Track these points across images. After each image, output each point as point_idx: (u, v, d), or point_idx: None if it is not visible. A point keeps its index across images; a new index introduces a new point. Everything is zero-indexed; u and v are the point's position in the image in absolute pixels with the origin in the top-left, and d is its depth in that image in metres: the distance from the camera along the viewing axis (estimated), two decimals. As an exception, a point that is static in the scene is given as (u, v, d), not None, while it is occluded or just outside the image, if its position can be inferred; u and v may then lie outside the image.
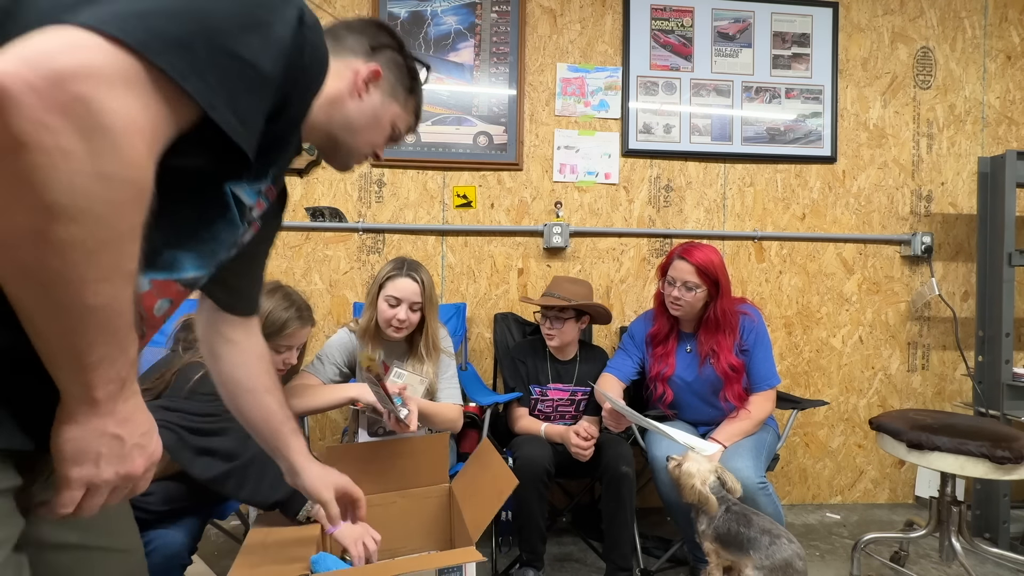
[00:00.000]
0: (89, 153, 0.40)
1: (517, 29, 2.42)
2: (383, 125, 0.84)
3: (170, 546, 1.26)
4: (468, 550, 1.04)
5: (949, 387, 2.64)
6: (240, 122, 0.49)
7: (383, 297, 1.74)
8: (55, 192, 0.39)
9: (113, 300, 0.46)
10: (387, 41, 0.83)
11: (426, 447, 1.46)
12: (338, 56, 0.76)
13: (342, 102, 0.77)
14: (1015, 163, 2.21)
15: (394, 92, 0.84)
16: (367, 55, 0.80)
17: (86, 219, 0.41)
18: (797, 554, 1.40)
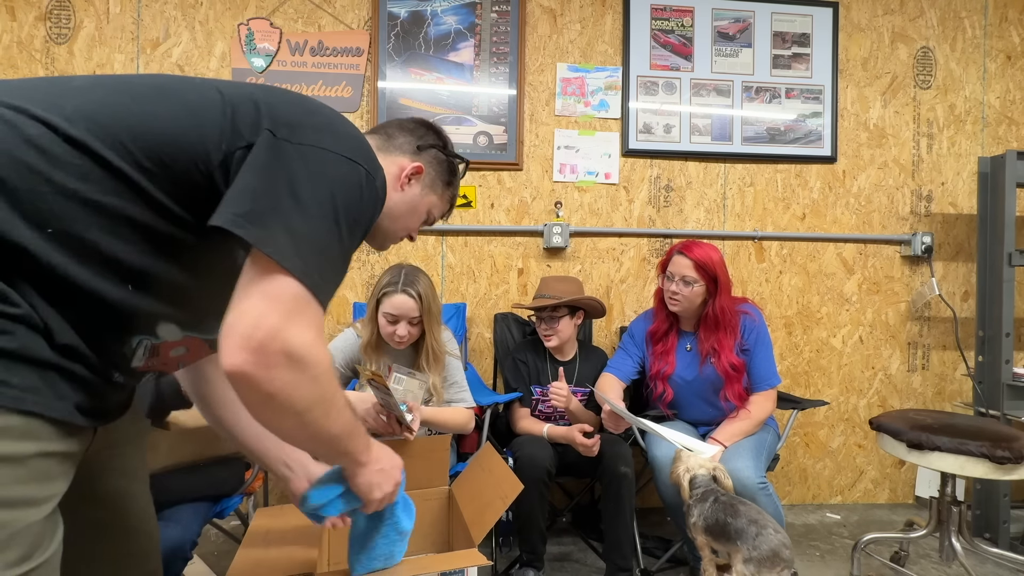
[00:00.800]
0: (301, 374, 0.64)
1: (517, 29, 2.42)
2: (419, 213, 0.96)
3: (170, 539, 1.26)
4: (471, 552, 1.04)
5: (949, 387, 2.64)
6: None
7: (381, 313, 1.72)
8: (297, 402, 0.65)
9: (345, 422, 0.75)
10: (432, 141, 0.96)
11: (427, 449, 1.46)
12: (387, 154, 0.91)
13: (387, 194, 0.85)
14: (1015, 163, 2.21)
15: (433, 185, 0.96)
16: (413, 153, 0.93)
17: (317, 403, 0.67)
18: (783, 543, 1.40)
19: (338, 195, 0.67)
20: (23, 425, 0.57)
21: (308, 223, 0.64)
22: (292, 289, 0.62)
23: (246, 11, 2.34)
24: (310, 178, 0.65)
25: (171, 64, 2.31)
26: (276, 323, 0.61)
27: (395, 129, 0.94)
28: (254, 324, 0.60)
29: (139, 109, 0.64)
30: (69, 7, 2.27)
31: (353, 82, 2.37)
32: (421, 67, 2.40)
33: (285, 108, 0.70)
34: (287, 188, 0.64)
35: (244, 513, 1.82)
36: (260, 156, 0.65)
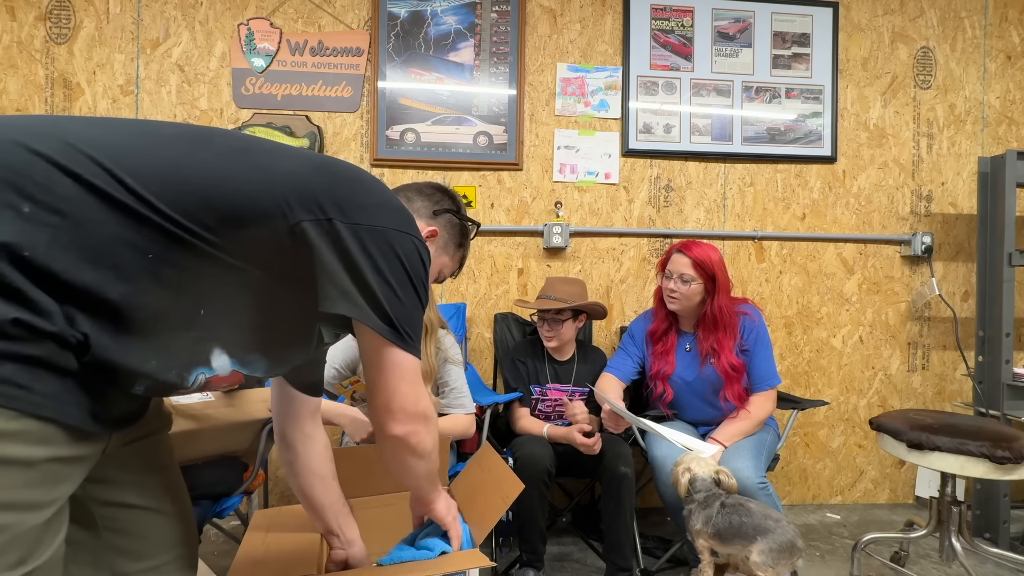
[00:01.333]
0: (429, 426, 0.89)
1: (517, 29, 2.42)
2: (432, 273, 1.03)
3: None
4: (472, 553, 1.04)
5: (949, 387, 2.64)
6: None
7: None
8: (428, 448, 0.91)
9: (437, 462, 0.97)
10: (448, 205, 1.06)
11: None
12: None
13: None
14: (1015, 163, 2.21)
15: (446, 247, 1.06)
16: (430, 217, 1.03)
17: (435, 447, 0.93)
18: (797, 535, 1.46)
19: (411, 269, 0.80)
20: (39, 430, 0.59)
21: (405, 305, 0.80)
22: (410, 363, 0.83)
23: (246, 11, 2.34)
24: (388, 259, 0.78)
25: (171, 64, 2.31)
26: (412, 394, 0.84)
27: (414, 193, 1.04)
28: (402, 400, 0.83)
29: (216, 170, 0.71)
30: (69, 7, 2.27)
31: (353, 82, 2.37)
32: (421, 67, 2.40)
33: (348, 188, 0.78)
34: (376, 271, 0.77)
35: (244, 513, 1.82)
36: (345, 243, 0.75)
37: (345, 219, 0.75)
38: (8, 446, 0.57)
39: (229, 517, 1.62)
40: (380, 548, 1.35)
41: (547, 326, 2.00)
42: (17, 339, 0.57)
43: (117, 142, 0.67)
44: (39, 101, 2.27)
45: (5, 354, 0.57)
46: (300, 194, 0.73)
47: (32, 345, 0.58)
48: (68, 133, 0.65)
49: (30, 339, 0.58)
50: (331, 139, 2.37)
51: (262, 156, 0.75)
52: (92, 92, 2.29)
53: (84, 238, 0.62)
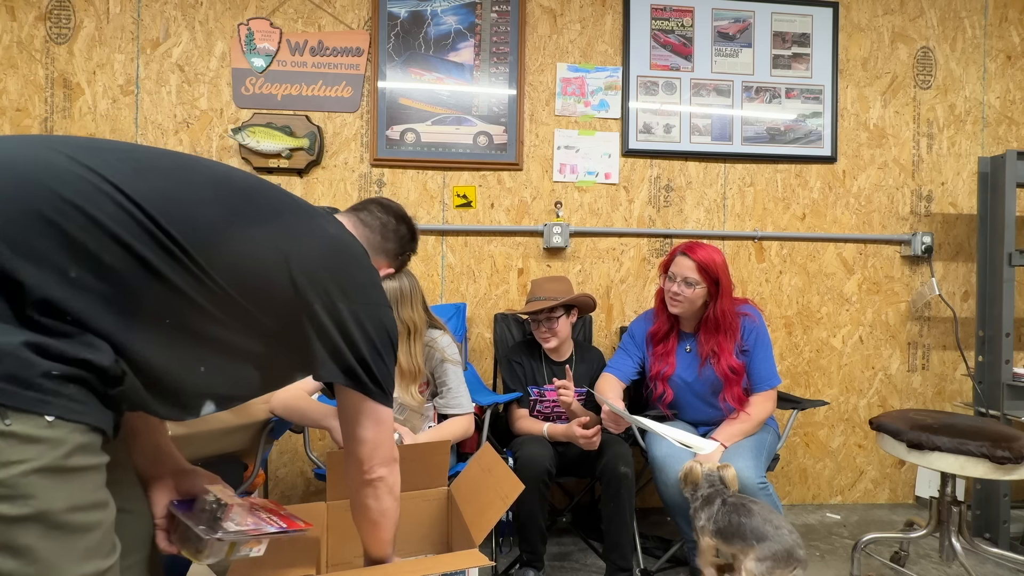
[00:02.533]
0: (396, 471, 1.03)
1: (517, 29, 2.42)
2: None
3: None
4: (472, 553, 1.04)
5: (949, 387, 2.64)
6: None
7: None
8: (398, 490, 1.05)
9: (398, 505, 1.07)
10: (410, 249, 1.25)
11: (427, 454, 1.46)
12: (376, 255, 1.13)
13: None
14: (1015, 163, 2.21)
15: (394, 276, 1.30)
16: (393, 258, 1.20)
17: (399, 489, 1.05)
18: (798, 543, 1.41)
19: (392, 338, 0.97)
20: (97, 441, 0.70)
21: (388, 367, 0.96)
22: (388, 415, 0.98)
23: (246, 11, 2.34)
24: (379, 333, 0.94)
25: (171, 64, 2.31)
26: (389, 440, 1.00)
27: (391, 234, 1.17)
28: (384, 448, 0.99)
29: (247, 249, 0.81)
30: (69, 7, 2.27)
31: (353, 82, 2.37)
32: (421, 67, 2.40)
33: (350, 271, 0.93)
34: (371, 344, 0.92)
35: (244, 513, 1.81)
36: (348, 325, 0.89)
37: (348, 303, 0.89)
38: (89, 456, 0.68)
39: (229, 517, 1.61)
40: (380, 548, 1.35)
41: (543, 327, 2.00)
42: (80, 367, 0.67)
43: (164, 192, 0.76)
44: (39, 101, 2.27)
45: (73, 378, 0.66)
46: (311, 280, 0.86)
47: (89, 373, 0.68)
48: (121, 182, 0.73)
49: (86, 369, 0.67)
50: (331, 139, 2.37)
51: (282, 234, 0.85)
52: (92, 92, 2.29)
53: (124, 301, 0.71)
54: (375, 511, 1.01)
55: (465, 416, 1.82)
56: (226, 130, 2.33)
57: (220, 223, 0.79)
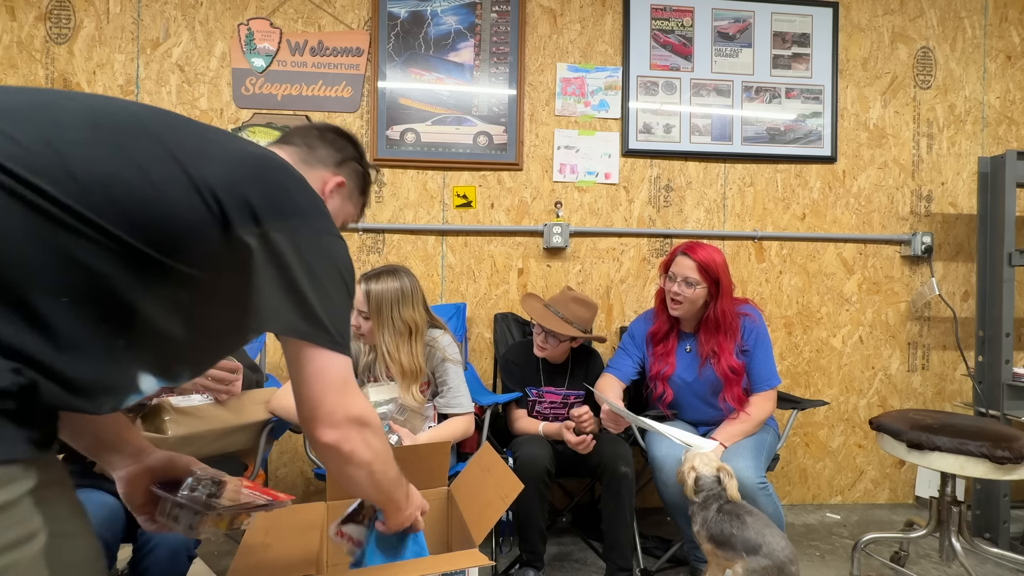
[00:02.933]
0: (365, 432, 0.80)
1: (517, 29, 2.42)
2: (337, 223, 0.97)
3: (174, 538, 1.26)
4: (472, 553, 1.04)
5: (949, 387, 2.64)
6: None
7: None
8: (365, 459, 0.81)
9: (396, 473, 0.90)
10: (351, 153, 1.01)
11: (428, 454, 1.46)
12: (311, 167, 0.94)
13: None
14: (1015, 163, 2.21)
15: (351, 195, 1.01)
16: (336, 166, 0.98)
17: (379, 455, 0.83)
18: (790, 559, 1.38)
19: (342, 268, 0.79)
20: (12, 472, 0.59)
21: (333, 304, 0.76)
22: (340, 364, 0.77)
23: (246, 11, 2.34)
24: (323, 263, 0.76)
25: (171, 64, 2.31)
26: (342, 397, 0.77)
27: (316, 140, 0.97)
28: (331, 404, 0.76)
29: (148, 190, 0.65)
30: (69, 7, 2.27)
31: (353, 82, 2.37)
32: (421, 67, 2.40)
33: (280, 187, 0.75)
34: (313, 278, 0.74)
35: (244, 513, 1.82)
36: (282, 258, 0.72)
37: (281, 227, 0.72)
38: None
39: (229, 517, 1.62)
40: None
41: (543, 337, 1.98)
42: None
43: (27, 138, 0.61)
44: (39, 101, 2.27)
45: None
46: (227, 192, 0.69)
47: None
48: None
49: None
50: (331, 139, 2.37)
51: (178, 146, 0.69)
52: (92, 92, 2.29)
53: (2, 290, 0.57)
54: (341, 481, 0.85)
55: (465, 416, 1.83)
56: (227, 129, 2.33)
57: (99, 158, 0.64)
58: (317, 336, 0.74)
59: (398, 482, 0.92)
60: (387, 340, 1.74)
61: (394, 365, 1.75)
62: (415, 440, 1.70)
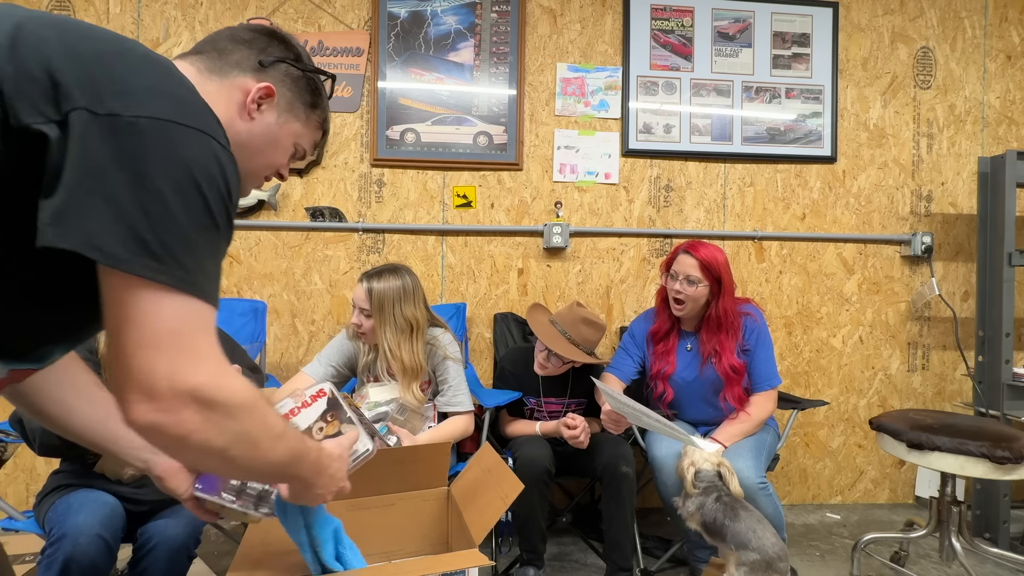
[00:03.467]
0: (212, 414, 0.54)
1: (517, 29, 2.42)
2: (283, 145, 0.78)
3: (173, 538, 1.26)
4: (472, 553, 1.04)
5: (949, 387, 2.64)
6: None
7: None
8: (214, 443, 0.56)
9: (283, 452, 0.65)
10: (279, 53, 0.77)
11: (428, 455, 1.46)
12: (223, 76, 0.72)
13: (232, 125, 0.70)
14: (1015, 163, 2.21)
15: (292, 108, 0.78)
16: (256, 71, 0.74)
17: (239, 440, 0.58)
18: (779, 555, 1.38)
19: (201, 178, 0.53)
20: None
21: (180, 226, 0.51)
22: (171, 309, 0.51)
23: (246, 11, 2.34)
24: (164, 167, 0.51)
25: (171, 64, 2.31)
26: (169, 364, 0.51)
27: (227, 42, 0.75)
28: (144, 373, 0.51)
29: None
30: (69, 7, 2.27)
31: (353, 82, 2.37)
32: (421, 67, 2.40)
33: (96, 62, 0.51)
34: (139, 183, 0.49)
35: (244, 513, 1.82)
36: (88, 145, 0.48)
37: (97, 110, 0.49)
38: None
39: (229, 517, 1.62)
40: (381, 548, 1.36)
41: (546, 355, 1.92)
42: None
43: None
44: (39, 101, 2.27)
45: None
46: (15, 82, 0.48)
47: None
48: None
49: None
50: (331, 139, 2.37)
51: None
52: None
53: None
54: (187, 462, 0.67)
55: (465, 415, 1.83)
56: (226, 130, 2.33)
57: None
58: (132, 260, 0.49)
59: (292, 460, 0.68)
60: (389, 338, 1.74)
61: (395, 363, 1.75)
62: (415, 440, 1.70)
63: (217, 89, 0.70)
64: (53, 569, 1.13)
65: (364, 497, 1.35)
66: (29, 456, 2.25)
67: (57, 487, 1.36)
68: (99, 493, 1.29)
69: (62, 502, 1.27)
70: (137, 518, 1.33)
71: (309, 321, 2.38)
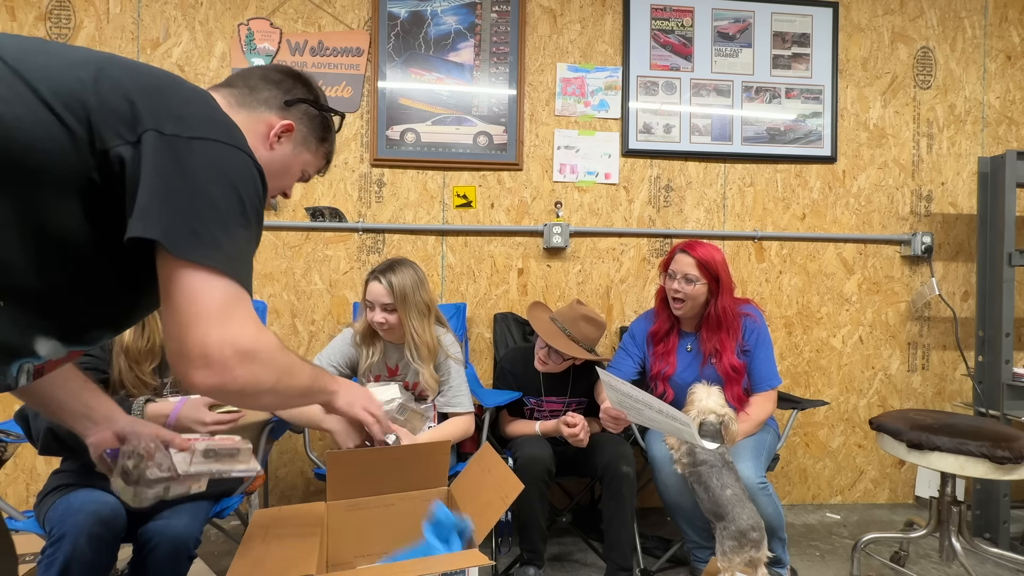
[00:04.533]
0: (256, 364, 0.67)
1: (517, 29, 2.42)
2: (293, 172, 0.91)
3: (173, 538, 1.26)
4: (472, 552, 1.04)
5: (949, 387, 2.64)
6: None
7: (364, 302, 1.81)
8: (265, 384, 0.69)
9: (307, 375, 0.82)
10: (302, 94, 0.89)
11: (428, 454, 1.46)
12: (252, 110, 0.84)
13: (254, 152, 0.78)
14: (1015, 163, 2.21)
15: (306, 142, 0.91)
16: (281, 109, 0.86)
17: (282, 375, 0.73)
18: (753, 525, 1.45)
19: (239, 184, 0.67)
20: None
21: (224, 220, 0.65)
22: (218, 288, 0.63)
23: (246, 11, 2.34)
24: (213, 176, 0.65)
25: (171, 64, 2.31)
26: (219, 332, 0.63)
27: (258, 80, 0.87)
28: (201, 341, 0.62)
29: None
30: (69, 7, 2.27)
31: (353, 82, 2.37)
32: (421, 67, 2.40)
33: (158, 95, 0.65)
34: (195, 190, 0.63)
35: (244, 513, 1.82)
36: (158, 159, 0.62)
37: (162, 131, 0.63)
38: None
39: (229, 517, 1.62)
40: (381, 548, 1.35)
41: (546, 352, 1.93)
42: None
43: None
44: (39, 101, 2.27)
45: None
46: (100, 113, 0.61)
47: None
48: None
49: None
50: (331, 139, 2.37)
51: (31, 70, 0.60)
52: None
53: None
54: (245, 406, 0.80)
55: (466, 415, 1.83)
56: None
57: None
58: (190, 249, 0.61)
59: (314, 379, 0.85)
60: (416, 325, 1.78)
61: (422, 348, 1.79)
62: (415, 440, 1.70)
63: (245, 120, 0.81)
64: (53, 569, 1.13)
65: (364, 497, 1.35)
66: (29, 456, 2.25)
67: (57, 487, 1.36)
68: (99, 493, 1.29)
69: (62, 502, 1.27)
70: (137, 518, 1.33)
71: (309, 321, 2.38)
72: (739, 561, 1.43)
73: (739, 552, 1.43)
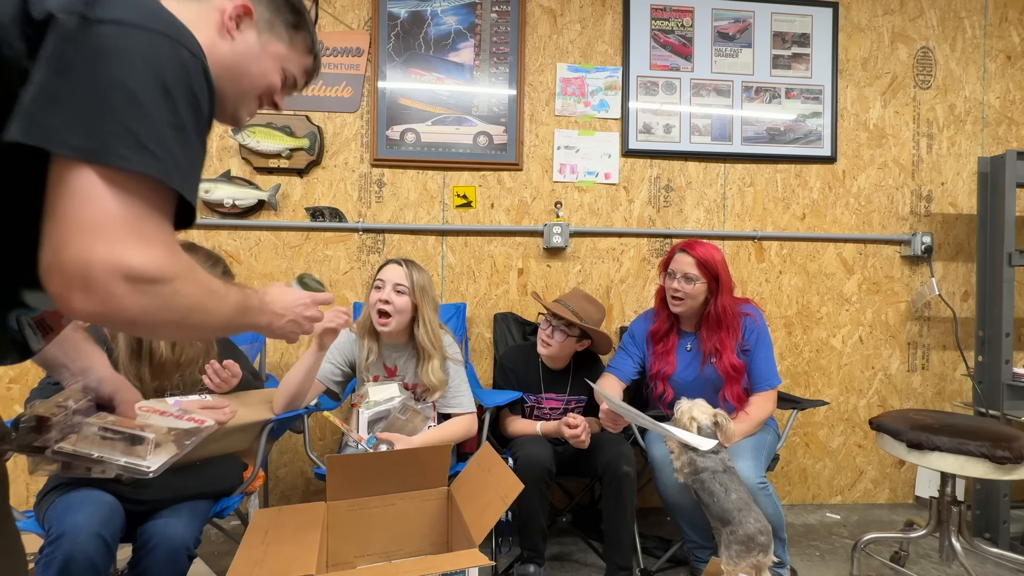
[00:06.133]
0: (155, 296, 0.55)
1: (517, 29, 2.42)
2: (268, 68, 0.79)
3: (173, 538, 1.26)
4: (472, 553, 1.04)
5: (949, 387, 2.64)
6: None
7: (373, 285, 1.81)
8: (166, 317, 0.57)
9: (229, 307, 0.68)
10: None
11: (429, 455, 1.46)
12: (202, 0, 0.71)
13: (215, 47, 0.70)
14: (1015, 163, 2.21)
15: (272, 28, 0.79)
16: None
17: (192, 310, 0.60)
18: (760, 530, 1.43)
19: (168, 78, 0.54)
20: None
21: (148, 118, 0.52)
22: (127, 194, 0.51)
23: (246, 11, 2.34)
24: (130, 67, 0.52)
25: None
26: (108, 249, 0.50)
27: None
28: (83, 259, 0.50)
29: None
30: None
31: (353, 82, 2.37)
32: (421, 67, 2.40)
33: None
34: (100, 79, 0.51)
35: (244, 513, 1.82)
36: (56, 44, 0.50)
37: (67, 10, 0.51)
38: None
39: (229, 517, 1.62)
40: (381, 548, 1.36)
41: (550, 331, 1.94)
42: None
43: None
44: (39, 101, 2.27)
45: None
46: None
47: None
48: None
49: None
50: (331, 139, 2.37)
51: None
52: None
53: None
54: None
55: (467, 416, 1.83)
56: (226, 130, 2.33)
57: None
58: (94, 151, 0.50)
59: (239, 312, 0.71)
60: (430, 315, 1.81)
61: (434, 339, 1.81)
62: (412, 443, 1.70)
63: (197, 12, 0.69)
64: (52, 568, 1.13)
65: (364, 497, 1.36)
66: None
67: (57, 486, 1.36)
68: (99, 492, 1.29)
69: (61, 501, 1.27)
70: (137, 518, 1.33)
71: (309, 321, 2.37)
72: (745, 565, 1.42)
73: (746, 556, 1.41)
